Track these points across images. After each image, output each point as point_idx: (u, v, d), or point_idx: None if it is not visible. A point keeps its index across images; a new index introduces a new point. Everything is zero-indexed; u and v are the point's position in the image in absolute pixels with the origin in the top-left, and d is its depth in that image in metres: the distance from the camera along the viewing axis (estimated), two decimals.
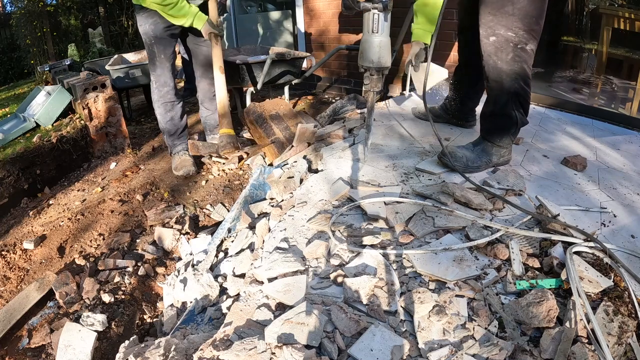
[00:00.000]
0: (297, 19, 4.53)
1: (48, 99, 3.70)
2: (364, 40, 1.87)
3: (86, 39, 9.14)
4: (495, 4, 1.74)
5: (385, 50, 1.86)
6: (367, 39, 1.86)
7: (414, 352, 1.08)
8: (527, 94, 1.87)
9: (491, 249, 1.39)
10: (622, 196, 1.74)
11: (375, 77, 1.91)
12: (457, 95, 2.40)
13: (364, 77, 1.94)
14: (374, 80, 1.91)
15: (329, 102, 4.18)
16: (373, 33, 1.83)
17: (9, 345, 1.68)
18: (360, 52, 1.90)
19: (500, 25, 1.75)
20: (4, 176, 2.97)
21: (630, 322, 1.10)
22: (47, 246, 2.20)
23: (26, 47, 7.92)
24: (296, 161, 2.26)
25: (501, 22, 1.74)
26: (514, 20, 1.72)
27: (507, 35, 1.75)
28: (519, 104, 1.87)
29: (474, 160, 1.91)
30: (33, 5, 7.60)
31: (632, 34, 3.10)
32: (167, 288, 1.80)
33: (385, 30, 1.84)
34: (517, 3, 1.70)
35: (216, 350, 1.08)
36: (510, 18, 1.72)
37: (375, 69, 1.89)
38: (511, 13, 1.72)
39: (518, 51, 1.77)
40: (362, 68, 1.93)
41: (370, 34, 1.84)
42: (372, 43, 1.84)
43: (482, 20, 1.81)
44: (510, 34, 1.74)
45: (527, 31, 1.74)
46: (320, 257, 1.44)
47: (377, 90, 1.94)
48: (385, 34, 1.84)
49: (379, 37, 1.83)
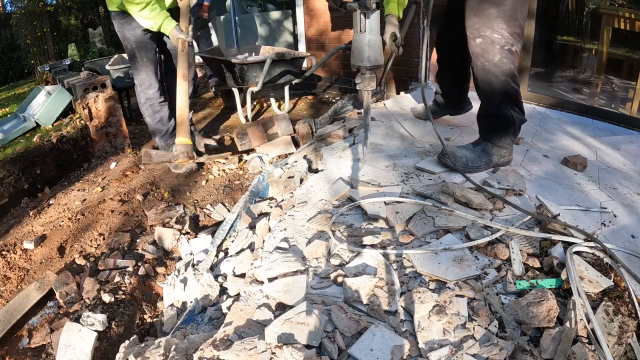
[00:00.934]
0: (297, 19, 4.53)
1: (48, 99, 3.70)
2: (354, 40, 1.88)
3: (86, 39, 9.14)
4: (479, 7, 1.76)
5: (375, 48, 1.85)
6: (356, 39, 1.86)
7: (414, 352, 1.08)
8: (517, 93, 1.89)
9: (491, 248, 1.39)
10: (622, 196, 1.74)
11: (367, 76, 1.91)
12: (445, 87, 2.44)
13: (356, 77, 1.94)
14: (367, 79, 1.91)
15: (329, 102, 4.18)
16: (362, 32, 1.83)
17: (9, 345, 1.68)
18: (351, 51, 1.91)
19: (485, 27, 1.77)
20: (4, 176, 2.97)
21: (630, 322, 1.10)
22: (47, 246, 2.20)
23: (26, 47, 7.92)
24: (296, 161, 2.27)
25: (486, 24, 1.76)
26: (499, 22, 1.75)
27: (493, 37, 1.77)
28: (512, 104, 1.88)
29: (474, 160, 1.91)
30: (33, 5, 7.60)
31: (632, 34, 3.10)
32: (167, 288, 1.80)
33: (373, 28, 1.83)
34: (502, 5, 1.73)
35: (216, 350, 1.08)
36: (495, 20, 1.75)
37: (366, 68, 1.89)
38: (496, 15, 1.74)
39: (505, 52, 1.78)
40: (354, 67, 1.93)
41: (359, 33, 1.84)
42: (362, 42, 1.84)
43: (467, 22, 1.83)
44: (496, 36, 1.76)
45: (511, 33, 1.77)
46: (320, 257, 1.44)
47: (371, 89, 1.94)
48: (374, 32, 1.84)
49: (368, 35, 1.83)
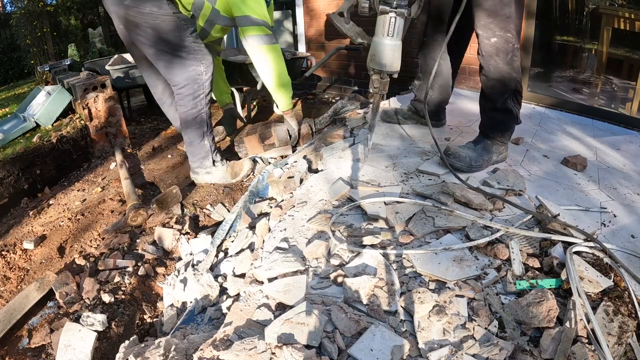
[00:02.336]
0: (297, 19, 4.53)
1: (48, 99, 3.70)
2: (377, 43, 1.80)
3: (86, 39, 9.14)
4: (494, 7, 1.79)
5: (398, 54, 1.81)
6: (380, 42, 1.79)
7: (414, 352, 1.08)
8: (521, 90, 1.95)
9: (491, 249, 1.39)
10: (622, 196, 1.74)
11: (385, 80, 1.87)
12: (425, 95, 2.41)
13: (373, 80, 1.88)
14: (383, 84, 1.87)
15: (329, 102, 4.18)
16: (388, 36, 1.77)
17: (9, 345, 1.68)
18: (371, 54, 1.84)
19: (499, 27, 1.81)
20: (4, 176, 2.97)
21: (630, 322, 1.10)
22: (47, 246, 2.20)
23: (26, 47, 7.92)
24: (296, 161, 2.26)
25: (500, 24, 1.80)
26: (510, 22, 1.80)
27: (507, 37, 1.82)
28: (516, 101, 1.93)
29: (477, 159, 1.92)
30: (33, 5, 7.60)
31: (632, 34, 3.10)
32: (167, 288, 1.80)
33: (400, 34, 1.79)
34: (511, 6, 1.78)
35: (216, 350, 1.08)
36: (507, 20, 1.79)
37: (386, 73, 1.86)
38: (508, 15, 1.79)
39: (516, 50, 1.85)
40: (371, 71, 1.87)
41: (384, 36, 1.78)
42: (386, 46, 1.78)
43: (480, 22, 1.85)
44: (509, 35, 1.81)
45: (517, 32, 1.84)
46: (320, 257, 1.44)
47: (385, 93, 1.92)
48: (400, 37, 1.79)
49: (394, 40, 1.78)
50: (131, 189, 2.42)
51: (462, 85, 3.35)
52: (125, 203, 2.39)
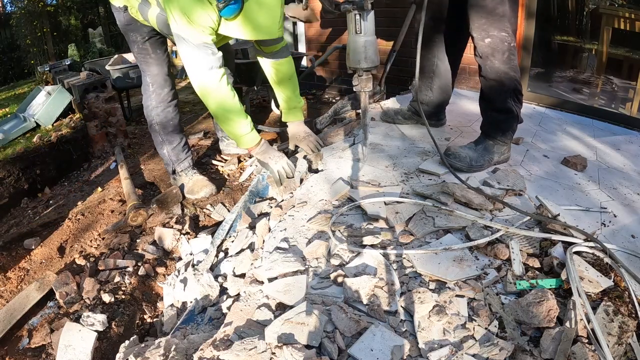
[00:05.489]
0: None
1: (48, 99, 3.71)
2: (350, 42, 1.85)
3: (86, 39, 9.15)
4: (487, 7, 1.80)
5: (372, 49, 1.83)
6: (352, 40, 1.84)
7: (414, 352, 1.08)
8: (521, 88, 1.95)
9: (491, 249, 1.39)
10: (622, 196, 1.74)
11: (364, 77, 1.89)
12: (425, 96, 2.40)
13: (353, 78, 1.92)
14: (363, 81, 1.90)
15: (329, 102, 4.18)
16: (357, 34, 1.81)
17: (9, 345, 1.68)
18: (347, 53, 1.88)
19: (493, 27, 1.81)
20: (4, 176, 2.97)
21: (631, 322, 1.10)
22: (47, 246, 2.20)
23: (26, 47, 7.93)
24: (296, 161, 2.26)
25: (494, 24, 1.80)
26: (505, 21, 1.80)
27: (501, 36, 1.81)
28: (517, 100, 1.92)
29: (477, 160, 1.92)
30: (33, 5, 7.61)
31: (632, 34, 3.10)
32: (167, 288, 1.80)
33: (368, 29, 1.81)
34: (505, 4, 1.78)
35: (216, 350, 1.08)
36: (502, 19, 1.79)
37: (362, 70, 1.88)
38: (502, 14, 1.79)
39: (512, 49, 1.84)
40: (350, 69, 1.92)
41: (354, 34, 1.82)
42: (358, 44, 1.82)
43: (475, 23, 1.86)
44: (504, 34, 1.81)
45: (513, 30, 1.84)
46: (320, 257, 1.44)
47: (368, 90, 1.93)
48: (370, 33, 1.82)
49: (364, 37, 1.81)
50: (131, 189, 2.42)
51: (462, 86, 3.35)
52: (126, 203, 2.39)
